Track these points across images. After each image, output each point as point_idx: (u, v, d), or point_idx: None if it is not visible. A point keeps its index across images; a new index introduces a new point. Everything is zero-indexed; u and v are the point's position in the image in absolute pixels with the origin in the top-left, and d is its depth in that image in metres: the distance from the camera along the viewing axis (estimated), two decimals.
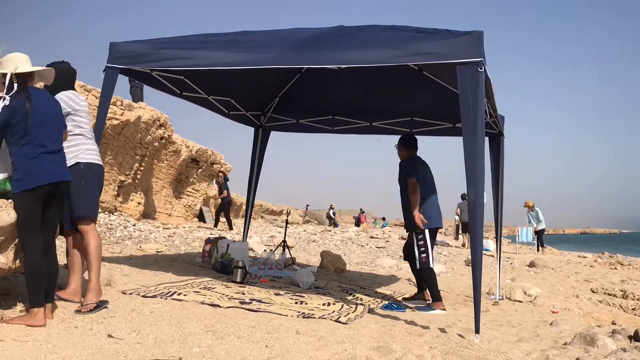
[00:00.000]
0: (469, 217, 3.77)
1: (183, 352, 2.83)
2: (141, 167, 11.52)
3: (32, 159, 3.14)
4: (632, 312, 6.85)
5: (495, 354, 3.28)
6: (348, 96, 7.04)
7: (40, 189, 3.16)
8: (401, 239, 16.62)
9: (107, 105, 4.62)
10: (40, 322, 3.09)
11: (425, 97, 6.45)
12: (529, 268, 10.77)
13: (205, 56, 4.37)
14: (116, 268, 5.23)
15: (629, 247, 35.36)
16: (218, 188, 14.61)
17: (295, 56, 4.22)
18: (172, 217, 13.84)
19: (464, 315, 4.73)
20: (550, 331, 4.38)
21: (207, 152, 15.11)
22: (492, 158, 6.28)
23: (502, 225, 6.49)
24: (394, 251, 12.01)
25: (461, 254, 12.27)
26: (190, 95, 6.18)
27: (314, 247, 11.08)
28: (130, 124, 10.26)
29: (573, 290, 8.02)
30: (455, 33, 3.83)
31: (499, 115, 5.94)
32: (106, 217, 9.60)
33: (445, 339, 3.59)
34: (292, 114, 7.55)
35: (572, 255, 17.04)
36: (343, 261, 7.59)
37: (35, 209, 3.18)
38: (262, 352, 2.96)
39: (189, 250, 8.05)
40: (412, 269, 5.35)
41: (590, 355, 3.30)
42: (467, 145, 3.73)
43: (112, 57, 4.56)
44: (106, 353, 2.70)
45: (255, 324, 3.57)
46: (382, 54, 4.00)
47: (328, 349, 3.10)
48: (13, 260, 3.22)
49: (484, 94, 3.82)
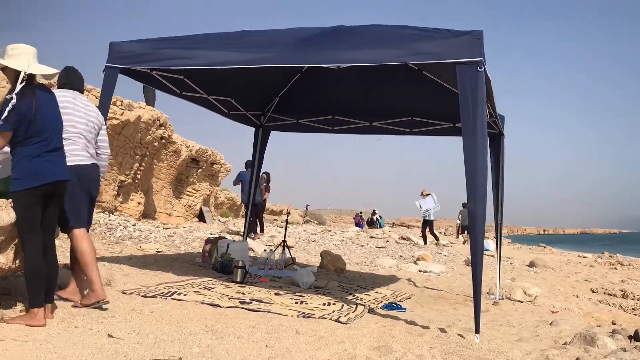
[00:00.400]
0: (469, 217, 3.76)
1: (183, 352, 2.83)
2: (141, 167, 11.52)
3: (33, 157, 3.12)
4: (632, 312, 6.85)
5: (495, 354, 3.28)
6: (348, 96, 7.04)
7: (40, 188, 3.14)
8: (401, 239, 16.61)
9: (107, 105, 4.62)
10: (40, 322, 3.09)
11: (425, 97, 6.45)
12: (529, 268, 10.77)
13: (205, 56, 4.37)
14: (116, 268, 5.23)
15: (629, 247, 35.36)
16: (266, 185, 12.66)
17: (295, 55, 4.23)
18: (172, 217, 13.84)
19: (463, 315, 4.73)
20: (550, 331, 4.38)
21: (207, 152, 15.10)
22: (492, 158, 6.28)
23: (502, 225, 6.49)
24: (393, 251, 12.01)
25: (461, 254, 12.27)
26: (190, 95, 6.18)
27: (314, 247, 11.08)
28: (130, 124, 10.26)
29: (573, 290, 8.02)
30: (455, 33, 3.84)
31: (498, 115, 5.94)
32: (106, 217, 9.60)
33: (445, 338, 3.59)
34: (292, 114, 7.55)
35: (572, 255, 17.05)
36: (343, 261, 7.59)
37: (35, 208, 3.17)
38: (262, 351, 2.97)
39: (189, 250, 8.05)
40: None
41: (590, 355, 3.30)
42: (467, 145, 3.73)
43: (112, 56, 4.56)
44: (106, 353, 2.70)
45: (255, 324, 3.57)
46: (382, 53, 4.00)
47: (328, 349, 3.10)
48: (13, 260, 3.22)
49: (484, 94, 3.82)
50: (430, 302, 5.45)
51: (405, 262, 9.66)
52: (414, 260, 9.94)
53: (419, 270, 8.46)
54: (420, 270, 8.48)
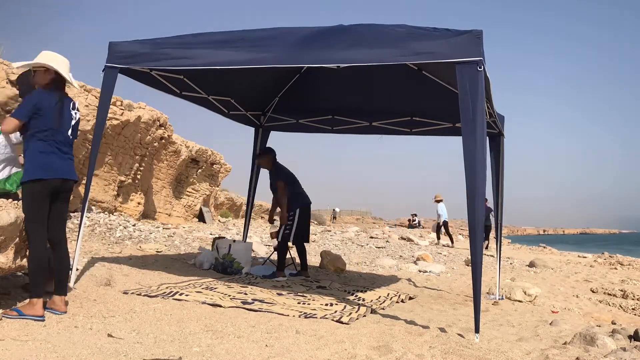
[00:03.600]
0: (469, 216, 3.76)
1: (183, 352, 2.83)
2: (141, 167, 11.51)
3: (46, 153, 3.29)
4: (632, 311, 6.86)
5: (495, 354, 3.28)
6: (348, 96, 7.04)
7: (49, 182, 3.29)
8: (401, 239, 16.61)
9: (107, 105, 4.62)
10: (39, 312, 3.17)
11: (425, 96, 6.45)
12: (529, 268, 10.77)
13: (205, 56, 4.37)
14: (116, 268, 5.23)
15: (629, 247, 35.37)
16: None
17: (295, 55, 4.22)
18: (172, 217, 13.83)
19: (463, 315, 4.73)
20: (550, 331, 4.38)
21: (207, 152, 15.09)
22: (492, 158, 6.28)
23: (502, 225, 6.49)
24: (393, 251, 12.01)
25: (461, 254, 12.27)
26: (190, 95, 6.18)
27: (314, 247, 11.07)
28: (130, 124, 10.25)
29: (573, 290, 8.03)
30: (454, 32, 3.83)
31: (498, 115, 5.94)
32: (106, 217, 9.59)
33: (445, 338, 3.59)
34: (292, 114, 7.55)
35: (572, 255, 17.06)
36: (343, 261, 7.59)
37: (43, 200, 3.30)
38: (262, 351, 2.97)
39: (189, 250, 8.05)
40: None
41: (590, 354, 3.29)
42: (466, 145, 3.73)
43: (112, 56, 4.55)
44: (106, 352, 2.70)
45: (255, 324, 3.58)
46: (381, 53, 3.99)
47: (328, 349, 3.10)
48: (13, 260, 3.23)
49: (484, 94, 3.82)
50: (430, 302, 5.45)
51: (405, 262, 9.66)
52: (414, 260, 9.95)
53: (419, 270, 8.46)
54: (420, 270, 8.48)
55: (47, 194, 3.31)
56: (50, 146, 3.30)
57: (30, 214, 3.25)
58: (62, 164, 3.37)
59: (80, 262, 5.04)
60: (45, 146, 3.29)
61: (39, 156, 3.28)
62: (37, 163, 3.27)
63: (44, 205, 3.31)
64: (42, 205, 3.30)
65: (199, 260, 6.41)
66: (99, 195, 9.99)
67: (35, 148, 3.28)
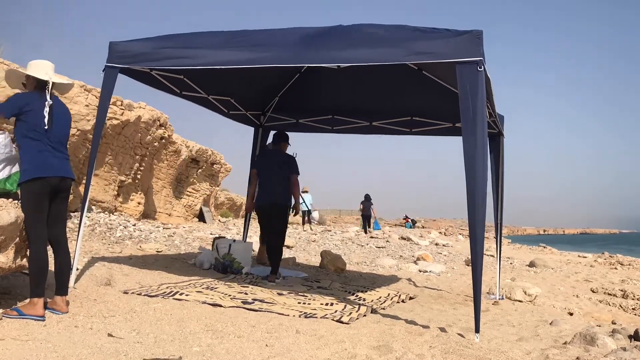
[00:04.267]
0: (469, 216, 3.75)
1: (183, 351, 2.83)
2: (141, 167, 11.51)
3: (43, 151, 3.33)
4: (632, 311, 6.86)
5: (495, 354, 3.28)
6: (348, 96, 7.04)
7: (47, 180, 3.31)
8: (401, 239, 16.61)
9: (107, 105, 4.62)
10: (39, 312, 3.17)
11: (425, 96, 6.45)
12: (529, 268, 10.77)
13: (205, 55, 4.37)
14: (116, 268, 5.23)
15: (629, 247, 35.37)
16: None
17: (294, 55, 4.22)
18: (172, 217, 13.83)
19: (464, 315, 4.73)
20: (550, 330, 4.38)
21: (207, 152, 15.10)
22: (492, 158, 6.28)
23: (502, 225, 6.49)
24: (394, 251, 12.01)
25: (461, 254, 12.27)
26: (190, 95, 6.18)
27: (314, 247, 11.07)
28: (130, 124, 10.25)
29: (573, 290, 8.03)
30: (454, 32, 3.83)
31: (498, 115, 5.94)
32: (106, 217, 9.59)
33: (445, 338, 3.59)
34: (292, 114, 7.55)
35: (572, 255, 17.05)
36: (343, 261, 7.59)
37: (43, 198, 3.32)
38: (262, 351, 2.97)
39: (189, 250, 8.05)
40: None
41: (590, 354, 3.29)
42: (466, 145, 3.73)
43: (112, 56, 4.55)
44: (106, 352, 2.70)
45: (255, 323, 3.58)
46: (381, 53, 3.99)
47: (328, 348, 3.10)
48: (13, 260, 3.23)
49: (484, 94, 3.82)
50: (431, 302, 5.45)
51: (405, 262, 9.66)
52: (414, 260, 9.95)
53: (419, 270, 8.46)
54: (421, 270, 8.48)
55: (46, 193, 3.33)
56: (44, 145, 3.35)
57: (30, 213, 3.26)
58: (58, 163, 3.41)
59: (81, 262, 5.04)
60: (40, 145, 3.33)
61: (35, 155, 3.31)
62: (34, 162, 3.30)
63: (44, 204, 3.33)
64: (41, 205, 3.31)
65: (199, 260, 6.41)
66: (99, 195, 9.99)
67: (30, 148, 3.31)
